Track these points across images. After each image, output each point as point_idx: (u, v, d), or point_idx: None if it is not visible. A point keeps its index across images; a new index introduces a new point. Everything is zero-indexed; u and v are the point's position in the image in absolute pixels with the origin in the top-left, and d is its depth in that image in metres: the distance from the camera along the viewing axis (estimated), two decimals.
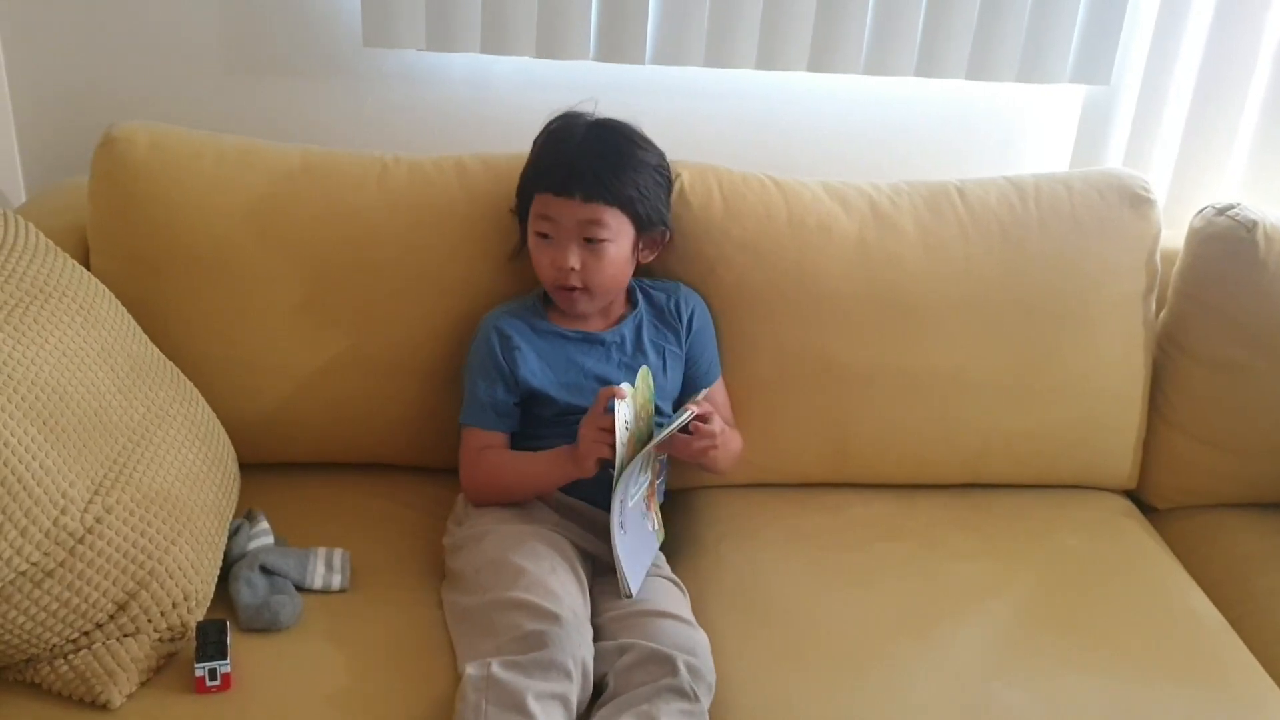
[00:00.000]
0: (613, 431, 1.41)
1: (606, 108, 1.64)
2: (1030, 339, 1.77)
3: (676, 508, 1.73)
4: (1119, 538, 1.76)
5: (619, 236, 1.55)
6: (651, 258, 1.65)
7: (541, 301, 1.65)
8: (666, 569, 1.55)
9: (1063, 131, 2.14)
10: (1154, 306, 1.85)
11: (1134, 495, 1.91)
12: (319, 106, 2.01)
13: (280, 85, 1.99)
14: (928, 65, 1.99)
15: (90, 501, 1.26)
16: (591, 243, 1.54)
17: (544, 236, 1.56)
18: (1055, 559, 1.68)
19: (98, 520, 1.25)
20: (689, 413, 1.44)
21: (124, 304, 1.53)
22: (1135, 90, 2.06)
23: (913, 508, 1.78)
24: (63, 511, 1.21)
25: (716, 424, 1.50)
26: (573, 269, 1.54)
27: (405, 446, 1.75)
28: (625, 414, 1.41)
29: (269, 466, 1.71)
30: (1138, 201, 1.79)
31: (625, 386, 1.43)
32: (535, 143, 1.63)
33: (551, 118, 1.63)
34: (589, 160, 1.53)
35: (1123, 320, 1.81)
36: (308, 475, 1.73)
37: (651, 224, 1.60)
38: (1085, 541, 1.73)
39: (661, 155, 1.64)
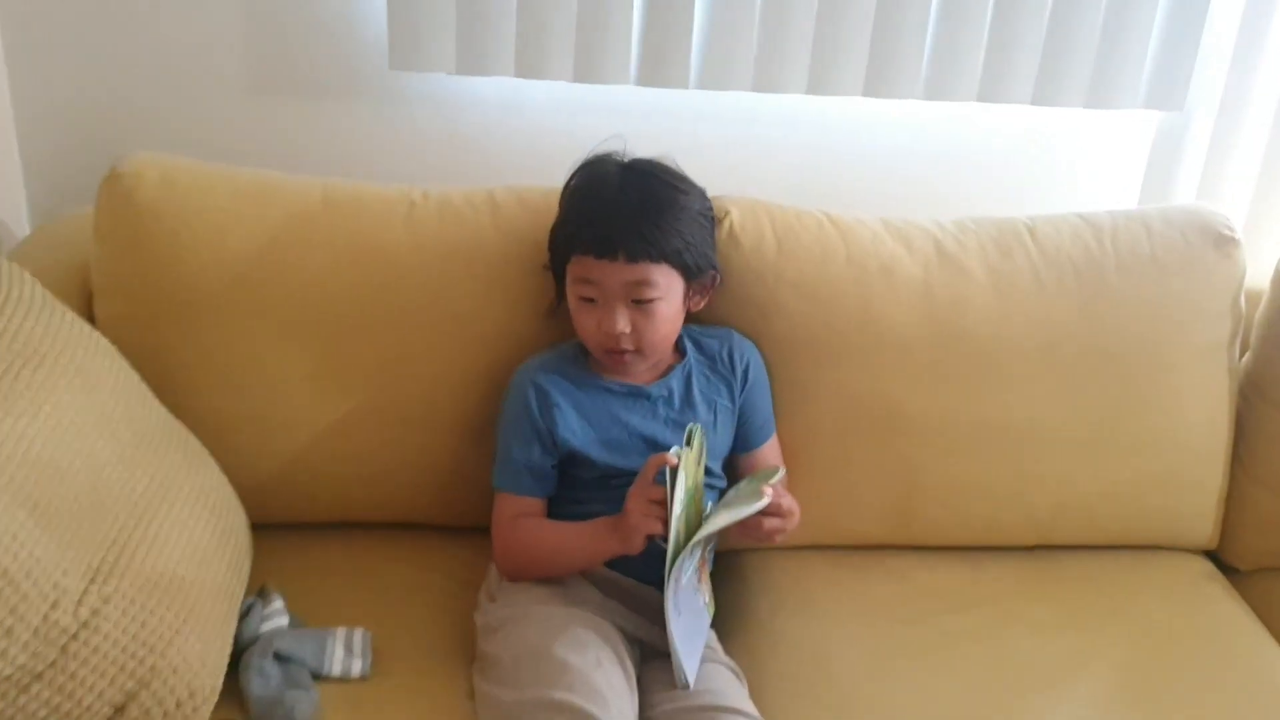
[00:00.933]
0: (665, 504, 1.28)
1: (646, 136, 1.51)
2: (1108, 390, 1.63)
3: (724, 574, 1.60)
4: (1205, 607, 1.63)
5: (669, 292, 1.42)
6: (702, 304, 1.52)
7: (581, 350, 1.52)
8: (720, 652, 1.42)
9: (1131, 161, 2.00)
10: (1238, 353, 1.71)
11: (1214, 555, 1.77)
12: (342, 132, 1.88)
13: (302, 110, 1.86)
14: (991, 90, 1.85)
15: (85, 592, 1.13)
16: (640, 303, 1.40)
17: (587, 300, 1.42)
18: (1139, 633, 1.54)
19: (94, 613, 1.13)
20: (765, 497, 1.29)
21: (129, 352, 1.40)
22: (1211, 117, 1.92)
23: (981, 573, 1.64)
24: (54, 606, 1.09)
25: (788, 502, 1.36)
26: (623, 333, 1.40)
27: (432, 506, 1.62)
28: (682, 481, 1.28)
29: (284, 527, 1.58)
30: (1222, 241, 1.66)
31: (676, 451, 1.29)
32: (564, 197, 1.49)
33: (576, 166, 1.49)
34: (629, 216, 1.38)
35: (1206, 369, 1.67)
36: (326, 537, 1.60)
37: (700, 271, 1.46)
38: (1169, 612, 1.60)
39: (702, 193, 1.50)
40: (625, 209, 1.39)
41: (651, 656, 1.39)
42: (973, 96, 1.85)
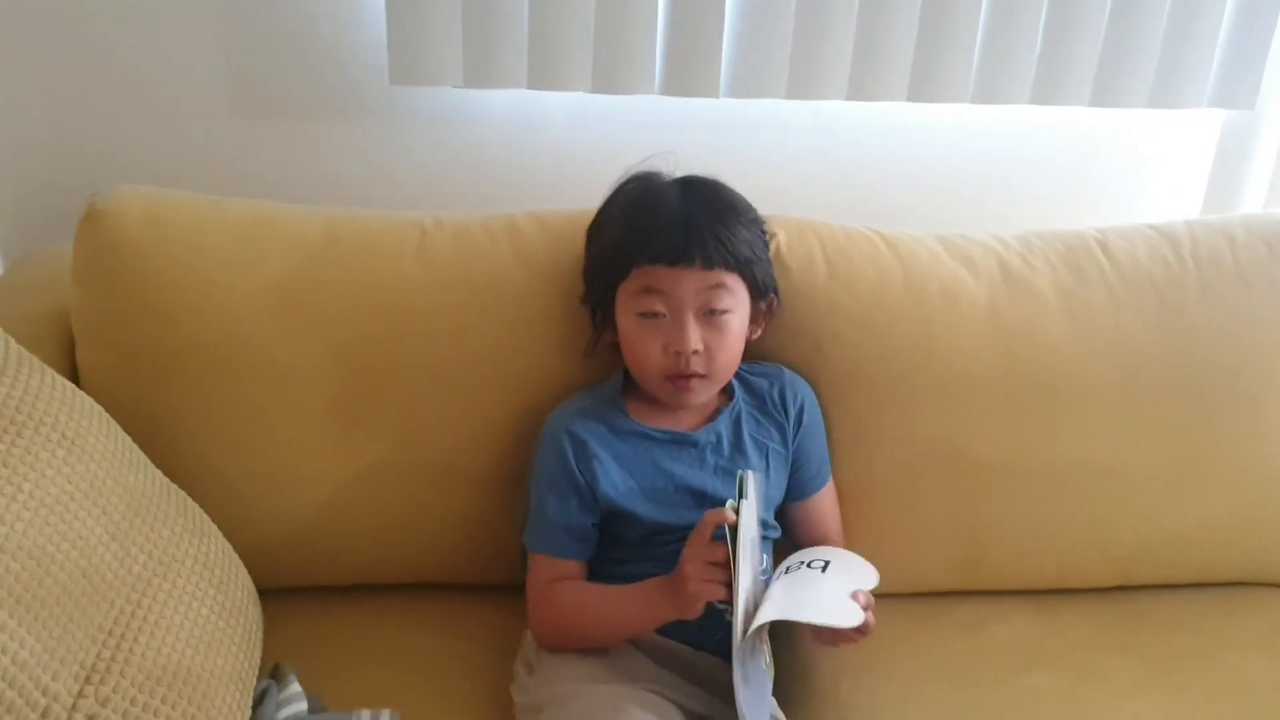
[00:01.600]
0: (726, 567, 1.13)
1: (673, 149, 1.39)
2: (1192, 422, 1.50)
3: (780, 632, 1.44)
4: None
5: (739, 306, 1.30)
6: (759, 334, 1.38)
7: (620, 393, 1.38)
8: None
9: (1193, 163, 1.87)
10: None
11: None
12: (341, 155, 1.73)
13: (294, 132, 1.71)
14: (1046, 91, 1.71)
15: (80, 695, 0.98)
16: (713, 315, 1.28)
17: (652, 316, 1.28)
18: (1235, 690, 1.40)
19: (90, 718, 0.98)
20: (861, 616, 1.15)
21: (118, 408, 1.25)
22: None
23: (1058, 622, 1.51)
24: (44, 715, 0.94)
25: (873, 619, 1.20)
26: (695, 351, 1.27)
27: (459, 564, 1.48)
28: (743, 537, 1.14)
29: (297, 592, 1.44)
30: None
31: (734, 505, 1.15)
32: (611, 212, 1.36)
33: (619, 183, 1.37)
34: (703, 219, 1.26)
35: None
36: (343, 602, 1.46)
37: (765, 291, 1.35)
38: (1265, 662, 1.45)
39: (758, 212, 1.37)
40: (697, 213, 1.27)
41: None
42: (1026, 99, 1.71)
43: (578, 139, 1.74)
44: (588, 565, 1.33)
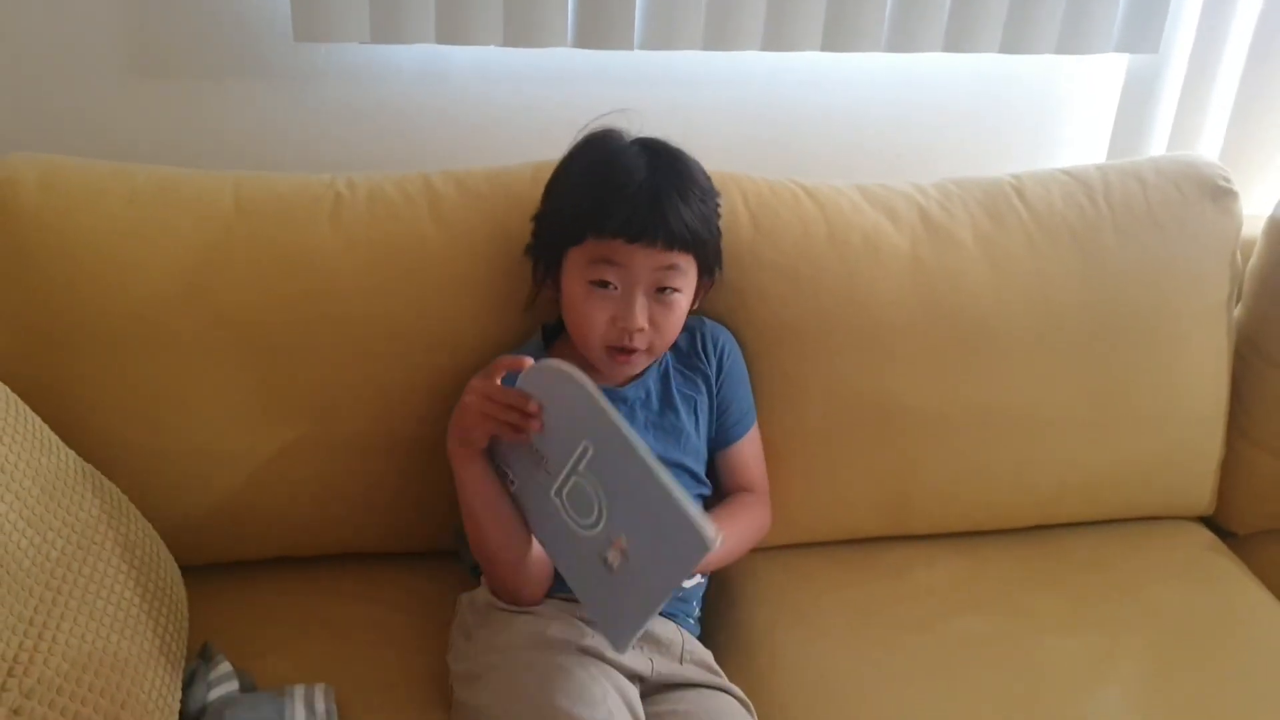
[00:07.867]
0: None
1: (587, 102, 1.37)
2: (1109, 363, 1.53)
3: (711, 583, 1.45)
4: (1217, 583, 1.54)
5: (688, 286, 1.28)
6: (696, 305, 1.37)
7: (543, 353, 1.36)
8: (724, 678, 1.28)
9: (1101, 108, 1.89)
10: (1234, 312, 1.62)
11: (1210, 520, 1.69)
12: (245, 115, 1.66)
13: (197, 93, 1.63)
14: (958, 39, 1.71)
15: (3, 688, 0.95)
16: (663, 293, 1.26)
17: (601, 286, 1.25)
18: (1158, 621, 1.45)
19: (15, 712, 0.95)
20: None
21: (25, 388, 1.20)
22: (1184, 60, 1.81)
23: (982, 564, 1.53)
24: None
25: None
26: (641, 328, 1.25)
27: (385, 532, 1.46)
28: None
29: (221, 567, 1.41)
30: (1219, 194, 1.56)
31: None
32: (573, 174, 1.31)
33: (576, 144, 1.33)
34: (670, 198, 1.22)
35: (1207, 334, 1.57)
36: (270, 576, 1.43)
37: (712, 270, 1.33)
38: (1184, 593, 1.50)
39: (713, 184, 1.34)
40: (663, 189, 1.23)
41: (653, 689, 1.25)
42: (939, 46, 1.71)
43: (489, 94, 1.69)
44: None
